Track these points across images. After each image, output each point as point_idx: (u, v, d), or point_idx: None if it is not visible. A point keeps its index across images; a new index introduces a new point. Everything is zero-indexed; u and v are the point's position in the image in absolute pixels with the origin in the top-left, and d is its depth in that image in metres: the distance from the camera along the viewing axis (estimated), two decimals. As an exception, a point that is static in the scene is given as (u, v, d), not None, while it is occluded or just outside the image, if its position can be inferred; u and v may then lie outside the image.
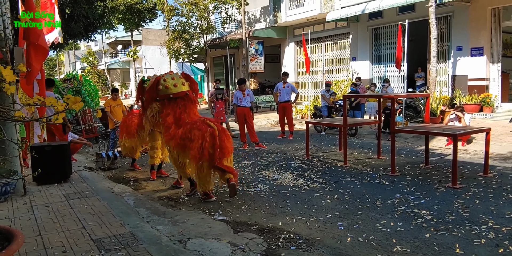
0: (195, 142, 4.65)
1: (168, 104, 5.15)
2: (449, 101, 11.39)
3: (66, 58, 46.84)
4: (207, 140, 4.59)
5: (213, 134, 4.62)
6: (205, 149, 4.58)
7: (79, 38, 14.12)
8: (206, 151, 4.59)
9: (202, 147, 4.59)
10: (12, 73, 2.21)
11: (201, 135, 4.64)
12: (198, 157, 4.62)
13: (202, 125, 4.76)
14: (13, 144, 4.62)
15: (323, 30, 16.60)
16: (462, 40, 11.84)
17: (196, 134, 4.68)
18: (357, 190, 5.34)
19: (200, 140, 4.62)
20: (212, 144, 4.59)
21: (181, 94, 5.17)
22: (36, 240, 3.52)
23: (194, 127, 4.79)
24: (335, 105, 11.68)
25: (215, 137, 4.60)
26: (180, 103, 5.13)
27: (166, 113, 5.14)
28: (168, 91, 5.12)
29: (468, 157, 7.40)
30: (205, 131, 4.65)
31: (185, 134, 4.81)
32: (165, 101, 5.16)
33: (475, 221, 4.04)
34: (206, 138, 4.60)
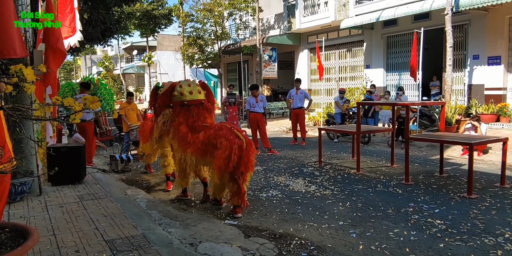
0: (221, 151, 4.34)
1: (180, 111, 4.89)
2: (465, 111, 11.23)
3: (83, 63, 47.65)
4: (235, 152, 4.31)
5: (242, 147, 4.38)
6: (232, 161, 4.31)
7: (96, 42, 14.38)
8: (232, 164, 4.32)
9: (228, 159, 4.31)
10: (33, 73, 2.26)
11: (229, 146, 4.33)
12: (222, 168, 4.36)
13: (230, 134, 4.45)
14: (31, 143, 4.71)
15: (337, 37, 16.58)
16: (478, 48, 11.70)
17: (224, 143, 4.37)
18: (370, 198, 5.28)
19: (228, 150, 4.32)
20: (239, 157, 4.36)
21: (196, 102, 4.92)
22: (50, 239, 3.57)
23: (220, 134, 4.47)
24: (349, 112, 11.62)
25: (243, 151, 4.37)
26: (193, 111, 4.87)
27: (179, 122, 4.88)
28: (183, 97, 4.88)
29: (484, 167, 7.27)
30: (234, 142, 4.35)
31: (208, 139, 4.54)
32: (178, 108, 4.91)
33: (491, 232, 3.95)
34: (235, 150, 4.32)
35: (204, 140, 4.56)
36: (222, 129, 4.54)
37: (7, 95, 4.51)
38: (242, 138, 4.43)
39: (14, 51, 2.75)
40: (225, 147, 4.33)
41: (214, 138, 4.48)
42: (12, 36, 2.76)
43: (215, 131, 4.56)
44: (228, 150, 4.31)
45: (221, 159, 4.31)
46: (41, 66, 2.70)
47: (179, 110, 4.90)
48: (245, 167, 4.44)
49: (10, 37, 2.73)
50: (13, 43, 2.74)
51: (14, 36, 2.78)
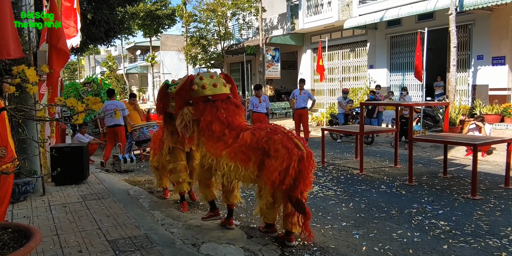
0: (277, 161, 3.41)
1: (205, 108, 3.91)
2: (469, 111, 11.18)
3: (87, 63, 47.81)
4: (294, 165, 3.41)
5: (303, 159, 3.46)
6: (289, 176, 3.40)
7: (99, 42, 14.41)
8: (288, 179, 3.42)
9: (285, 173, 3.41)
10: (36, 74, 2.26)
11: (288, 156, 3.41)
12: (276, 183, 3.45)
13: (288, 141, 3.50)
14: (34, 144, 4.72)
15: (341, 37, 16.55)
16: (483, 49, 11.64)
17: (281, 152, 3.42)
18: (373, 198, 5.26)
19: (286, 162, 3.40)
20: (298, 172, 3.44)
21: (222, 96, 3.97)
22: (53, 239, 3.57)
23: (275, 139, 3.51)
24: (352, 112, 11.60)
25: (304, 164, 3.47)
26: (221, 107, 3.92)
27: (207, 121, 3.90)
28: (206, 92, 3.91)
29: (488, 168, 7.23)
30: (293, 152, 3.43)
31: (258, 143, 3.57)
32: (201, 105, 3.93)
33: (496, 233, 3.93)
34: (294, 163, 3.41)
35: (252, 143, 3.60)
36: (276, 133, 3.59)
37: (10, 96, 4.53)
38: (302, 149, 3.50)
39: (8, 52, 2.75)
40: (282, 158, 3.41)
41: (266, 143, 3.52)
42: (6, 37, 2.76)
43: (267, 133, 3.59)
44: (286, 162, 3.40)
45: (276, 172, 3.41)
46: (44, 67, 2.70)
47: (203, 107, 3.92)
48: (304, 184, 3.52)
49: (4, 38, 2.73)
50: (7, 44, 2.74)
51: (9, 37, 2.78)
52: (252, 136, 3.63)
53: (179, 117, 4.05)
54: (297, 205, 3.50)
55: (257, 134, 3.63)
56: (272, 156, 3.46)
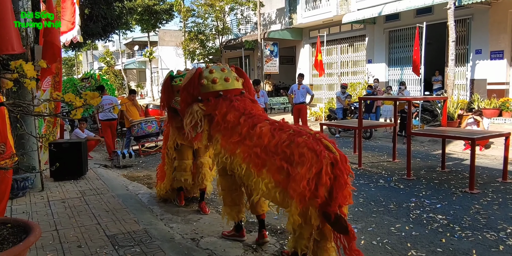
0: (305, 167, 2.64)
1: (217, 103, 3.38)
2: (467, 105, 11.19)
3: (84, 58, 47.60)
4: (328, 171, 2.62)
5: (337, 163, 2.67)
6: (322, 185, 2.61)
7: (97, 38, 14.35)
8: (322, 190, 2.63)
9: (316, 182, 2.62)
10: (33, 69, 2.25)
11: (317, 160, 2.63)
12: (307, 196, 2.62)
13: (315, 143, 2.73)
14: (32, 139, 4.72)
15: (339, 32, 16.51)
16: (481, 43, 11.63)
17: (308, 156, 2.66)
18: (372, 193, 5.28)
19: (315, 167, 2.62)
20: (333, 179, 2.65)
21: (235, 92, 3.48)
22: (53, 234, 3.58)
23: (299, 141, 2.76)
24: (350, 107, 11.60)
25: (339, 169, 2.68)
26: (235, 100, 3.39)
27: (222, 113, 3.31)
28: (216, 87, 3.42)
29: (486, 162, 7.26)
30: (323, 155, 2.64)
31: (278, 147, 2.84)
32: (212, 101, 3.41)
33: (493, 227, 3.95)
34: (327, 167, 2.63)
35: (270, 146, 2.89)
36: (301, 134, 2.84)
37: (8, 91, 4.52)
38: (334, 151, 2.73)
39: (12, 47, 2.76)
40: (310, 162, 2.64)
41: (289, 147, 2.79)
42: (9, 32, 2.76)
43: (290, 136, 2.86)
44: (315, 167, 2.62)
45: (303, 181, 2.61)
46: (42, 62, 2.69)
47: (215, 102, 3.39)
48: (343, 195, 2.72)
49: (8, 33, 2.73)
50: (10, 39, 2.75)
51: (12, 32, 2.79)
52: (271, 136, 2.93)
53: (189, 116, 3.46)
54: (337, 224, 2.64)
55: (277, 135, 2.91)
56: (297, 163, 2.70)
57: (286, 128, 2.96)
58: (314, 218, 2.65)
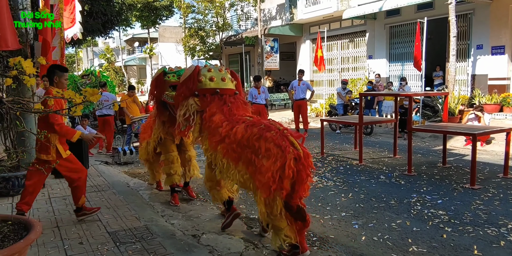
0: (270, 160, 2.97)
1: (212, 100, 3.65)
2: (468, 101, 11.17)
3: (84, 55, 47.51)
4: (291, 165, 2.93)
5: (300, 159, 2.98)
6: (286, 177, 2.93)
7: (97, 34, 14.32)
8: (287, 182, 2.96)
9: (280, 174, 2.94)
10: (32, 66, 2.24)
11: (281, 155, 2.95)
12: (273, 187, 2.94)
13: (282, 138, 3.05)
14: (32, 136, 4.71)
15: (340, 27, 16.45)
16: (482, 38, 11.58)
17: (274, 150, 2.98)
18: (372, 189, 5.28)
19: (279, 161, 2.94)
20: (296, 173, 2.97)
21: (230, 92, 3.75)
22: (54, 231, 3.59)
23: (267, 136, 3.08)
24: (351, 103, 11.58)
25: (301, 164, 2.99)
26: (227, 101, 3.66)
27: (211, 112, 3.60)
28: (213, 84, 3.67)
29: (487, 157, 7.25)
30: (287, 150, 2.96)
31: (249, 140, 3.17)
32: (208, 97, 3.66)
33: (494, 222, 3.95)
34: (290, 162, 2.93)
35: (243, 140, 3.21)
36: (270, 129, 3.16)
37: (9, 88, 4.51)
38: (298, 148, 3.04)
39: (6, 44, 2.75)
40: (275, 156, 2.97)
41: (257, 140, 3.11)
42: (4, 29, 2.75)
43: (260, 130, 3.17)
44: (280, 161, 2.94)
45: (268, 172, 2.94)
46: (41, 59, 2.68)
47: (210, 99, 3.65)
48: (303, 189, 3.08)
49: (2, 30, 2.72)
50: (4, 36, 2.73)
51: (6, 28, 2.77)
52: (244, 132, 3.25)
53: (183, 108, 3.72)
54: (299, 214, 3.03)
55: (249, 130, 3.23)
56: (263, 156, 3.02)
57: (258, 124, 3.26)
58: (280, 205, 2.99)
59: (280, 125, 3.28)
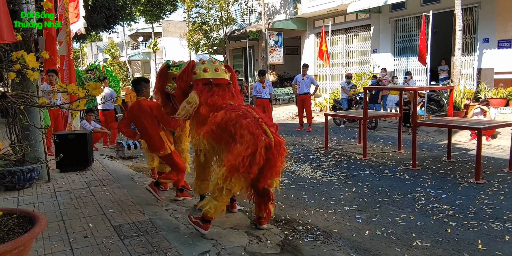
0: (242, 147, 3.23)
1: (203, 90, 3.82)
2: (473, 95, 11.08)
3: (89, 50, 47.58)
4: (261, 152, 3.19)
5: (270, 147, 3.24)
6: (256, 163, 3.21)
7: (101, 29, 14.32)
8: (255, 168, 3.24)
9: (250, 160, 3.20)
10: (36, 60, 2.24)
11: (254, 142, 3.20)
12: (239, 170, 3.21)
13: (256, 126, 3.29)
14: (37, 131, 4.74)
15: (344, 21, 16.32)
16: (488, 32, 11.45)
17: (247, 137, 3.23)
18: (376, 183, 5.27)
19: (251, 148, 3.19)
20: (266, 160, 3.25)
21: (223, 81, 3.90)
22: (59, 225, 3.61)
23: (243, 123, 3.31)
24: (355, 97, 11.53)
25: (271, 152, 3.26)
26: (216, 93, 3.83)
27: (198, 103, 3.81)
28: (207, 75, 3.83)
29: (493, 152, 7.20)
30: (259, 139, 3.21)
31: (227, 124, 3.41)
32: (201, 86, 3.84)
33: (499, 217, 3.93)
34: (261, 149, 3.19)
35: (222, 123, 3.44)
36: (246, 117, 3.38)
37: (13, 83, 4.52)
38: (271, 136, 3.28)
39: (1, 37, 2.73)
40: (247, 143, 3.21)
41: (234, 126, 3.36)
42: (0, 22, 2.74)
43: (237, 116, 3.40)
44: (251, 148, 3.20)
45: (239, 157, 3.20)
46: (44, 53, 2.68)
47: (201, 89, 3.84)
48: (271, 173, 3.36)
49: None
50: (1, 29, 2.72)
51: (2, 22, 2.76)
52: (223, 115, 3.48)
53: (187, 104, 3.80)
54: (264, 194, 3.53)
55: (228, 114, 3.47)
56: (238, 141, 3.28)
57: (237, 109, 3.49)
58: (237, 187, 3.35)
59: (258, 113, 3.50)
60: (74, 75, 6.44)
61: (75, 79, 6.37)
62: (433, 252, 3.23)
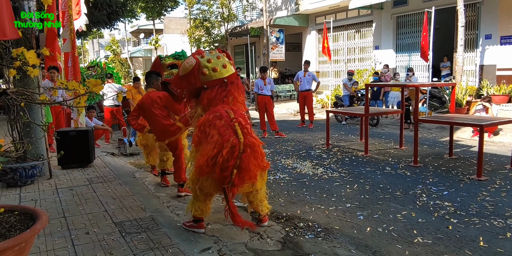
0: (209, 146, 3.21)
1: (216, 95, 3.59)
2: (475, 92, 11.03)
3: (90, 47, 47.56)
4: (223, 153, 3.11)
5: (235, 149, 3.13)
6: (218, 164, 3.12)
7: (102, 26, 14.30)
8: (218, 167, 3.13)
9: (214, 160, 3.14)
10: (36, 57, 2.24)
11: (220, 142, 3.16)
12: (204, 170, 3.19)
13: (227, 128, 3.23)
14: (38, 127, 4.74)
15: (346, 18, 16.26)
16: (491, 28, 11.38)
17: (215, 137, 3.21)
18: (378, 180, 5.27)
19: (217, 148, 3.15)
20: (228, 161, 3.12)
21: (233, 76, 3.69)
22: (61, 221, 3.63)
23: (216, 124, 3.28)
24: (357, 94, 11.50)
25: (236, 154, 3.12)
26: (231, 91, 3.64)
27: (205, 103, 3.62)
28: (218, 74, 3.56)
29: (495, 149, 7.18)
30: (225, 139, 3.16)
31: (204, 125, 3.38)
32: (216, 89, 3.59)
33: (501, 214, 3.93)
34: (225, 150, 3.11)
35: (201, 125, 3.42)
36: (222, 117, 3.32)
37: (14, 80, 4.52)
38: (240, 137, 3.17)
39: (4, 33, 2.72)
40: (214, 144, 3.18)
41: (208, 127, 3.33)
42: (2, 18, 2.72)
43: (214, 117, 3.36)
44: (217, 149, 3.15)
45: (205, 157, 3.18)
46: (45, 50, 2.67)
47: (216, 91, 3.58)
48: (238, 177, 3.16)
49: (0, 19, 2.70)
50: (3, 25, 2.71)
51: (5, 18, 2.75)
52: (204, 118, 3.44)
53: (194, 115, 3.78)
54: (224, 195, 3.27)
55: (207, 117, 3.42)
56: (207, 142, 3.26)
57: (216, 112, 3.41)
58: (208, 188, 3.32)
59: (235, 113, 3.38)
60: (79, 72, 6.44)
61: (80, 76, 6.37)
62: (434, 249, 3.23)
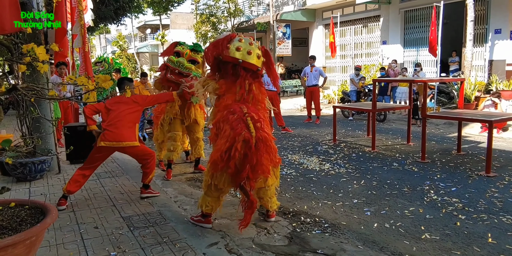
0: (221, 141, 3.24)
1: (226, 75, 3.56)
2: (484, 87, 10.92)
3: (97, 42, 47.71)
4: (237, 146, 3.10)
5: (249, 142, 3.11)
6: (233, 158, 3.11)
7: (109, 21, 14.33)
8: (233, 162, 3.12)
9: (228, 154, 3.13)
10: (45, 52, 2.25)
11: (232, 136, 3.16)
12: (219, 165, 3.20)
13: (239, 122, 3.22)
14: (47, 123, 4.78)
15: (353, 12, 16.14)
16: (501, 22, 11.24)
17: (227, 132, 3.23)
18: (385, 176, 5.25)
19: (229, 142, 3.16)
20: (244, 155, 3.12)
21: (252, 67, 3.54)
22: (70, 216, 3.67)
23: (229, 119, 3.29)
24: (364, 89, 11.44)
25: (250, 148, 3.11)
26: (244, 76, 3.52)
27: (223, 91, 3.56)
28: (238, 54, 3.47)
29: (504, 145, 7.12)
30: (237, 132, 3.15)
31: (220, 122, 3.40)
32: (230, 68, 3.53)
33: (510, 210, 3.90)
34: (237, 143, 3.11)
35: (216, 122, 3.44)
36: (235, 113, 3.32)
37: (24, 75, 4.56)
38: (252, 131, 3.15)
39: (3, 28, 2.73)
40: (226, 138, 3.19)
41: (222, 122, 3.36)
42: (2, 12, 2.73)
43: (228, 112, 3.36)
44: (229, 142, 3.15)
45: (219, 152, 3.19)
46: (54, 45, 2.69)
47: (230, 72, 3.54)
48: (253, 171, 3.16)
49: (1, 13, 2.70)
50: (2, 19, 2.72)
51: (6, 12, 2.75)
52: (220, 115, 3.44)
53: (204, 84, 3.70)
54: (243, 190, 3.25)
55: (222, 113, 3.42)
56: (220, 137, 3.30)
57: (231, 108, 3.40)
58: (223, 183, 3.31)
59: (248, 108, 3.37)
60: (90, 67, 6.43)
61: (91, 71, 6.38)
62: (442, 245, 3.22)
